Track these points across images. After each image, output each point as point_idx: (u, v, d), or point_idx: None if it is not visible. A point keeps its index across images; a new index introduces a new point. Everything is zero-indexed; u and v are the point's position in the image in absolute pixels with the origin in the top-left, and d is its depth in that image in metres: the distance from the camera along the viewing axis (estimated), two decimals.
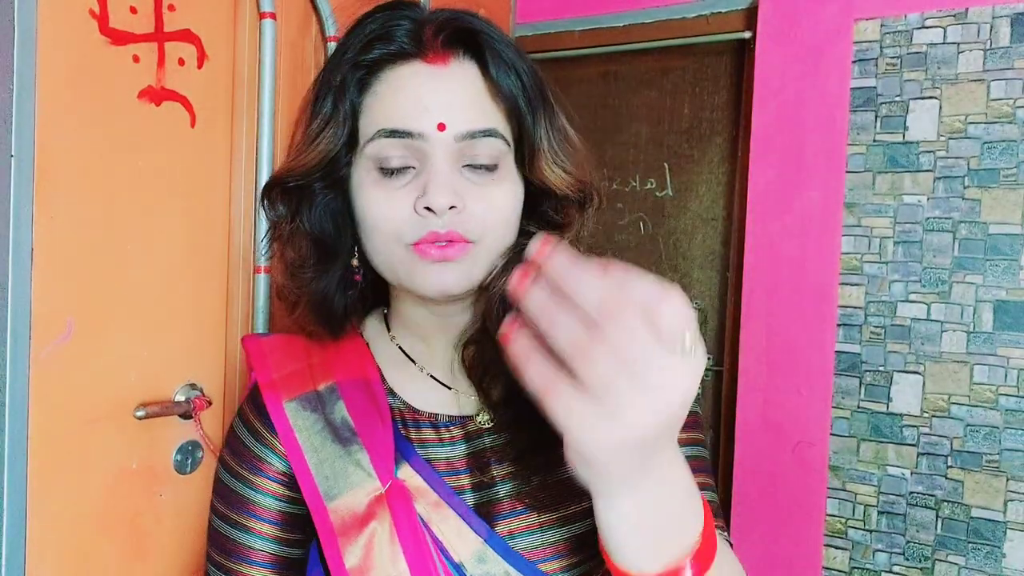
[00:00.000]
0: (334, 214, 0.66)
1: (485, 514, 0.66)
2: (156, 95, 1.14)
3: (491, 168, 0.62)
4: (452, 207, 0.59)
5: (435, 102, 0.60)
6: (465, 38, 0.61)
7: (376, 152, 0.61)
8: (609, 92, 2.28)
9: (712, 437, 2.15)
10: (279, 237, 0.67)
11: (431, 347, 0.70)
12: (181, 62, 1.17)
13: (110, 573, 1.12)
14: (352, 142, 0.63)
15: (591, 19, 2.22)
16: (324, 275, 0.66)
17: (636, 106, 2.25)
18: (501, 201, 0.62)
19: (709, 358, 2.18)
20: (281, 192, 0.66)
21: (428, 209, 0.59)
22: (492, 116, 0.62)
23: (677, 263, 2.21)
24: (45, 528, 1.02)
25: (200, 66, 1.21)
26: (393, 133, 0.60)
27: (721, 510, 0.69)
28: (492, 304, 0.63)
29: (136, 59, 1.10)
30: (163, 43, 1.14)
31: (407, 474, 0.66)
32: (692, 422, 0.69)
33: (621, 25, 2.17)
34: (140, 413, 1.11)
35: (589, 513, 0.59)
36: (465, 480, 0.67)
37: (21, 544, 0.99)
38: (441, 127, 0.59)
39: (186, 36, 1.18)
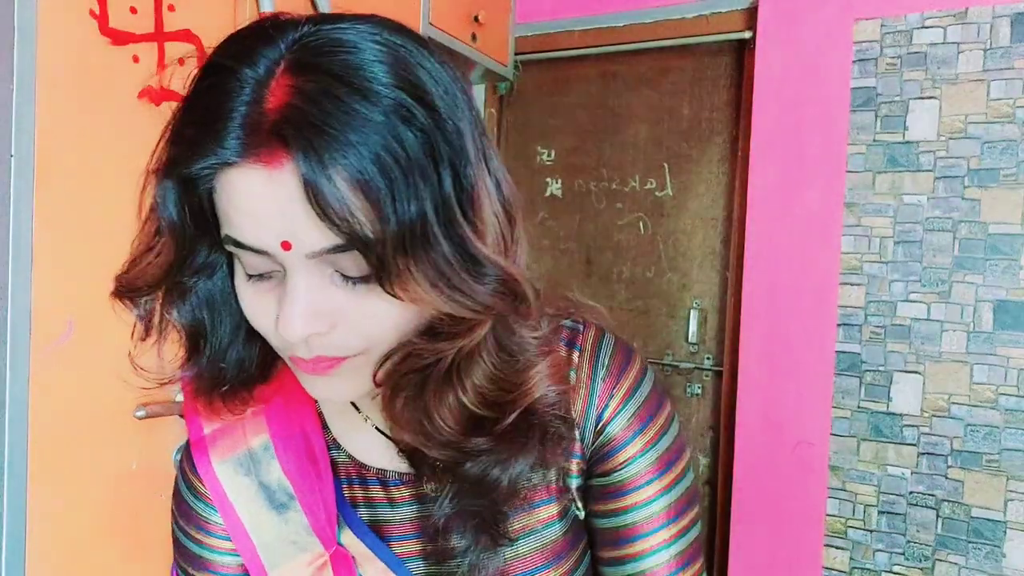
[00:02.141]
0: (211, 295, 0.56)
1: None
2: (156, 95, 1.14)
3: (366, 279, 0.47)
4: (308, 335, 0.47)
5: (270, 215, 0.45)
6: (300, 127, 0.42)
7: (236, 255, 0.49)
8: (609, 92, 2.28)
9: (712, 437, 2.15)
10: (151, 331, 0.59)
11: (372, 401, 0.59)
12: (181, 62, 1.17)
13: (110, 573, 1.12)
14: (214, 229, 0.50)
15: (591, 19, 2.22)
16: (218, 355, 0.57)
17: (636, 106, 2.25)
18: (385, 311, 0.48)
19: (709, 358, 2.18)
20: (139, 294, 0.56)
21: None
22: (341, 224, 0.43)
23: (677, 263, 2.21)
24: (45, 528, 1.02)
25: (200, 66, 1.21)
26: (239, 245, 0.47)
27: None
28: (401, 409, 0.53)
29: (136, 59, 1.10)
30: (163, 43, 1.14)
31: (350, 540, 0.60)
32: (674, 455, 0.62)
33: (621, 25, 2.17)
34: (140, 413, 1.11)
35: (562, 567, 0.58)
36: (416, 546, 0.60)
37: (21, 544, 0.99)
38: (286, 246, 0.45)
39: (186, 36, 1.18)
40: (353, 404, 0.62)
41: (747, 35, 2.01)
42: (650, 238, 2.24)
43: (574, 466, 0.59)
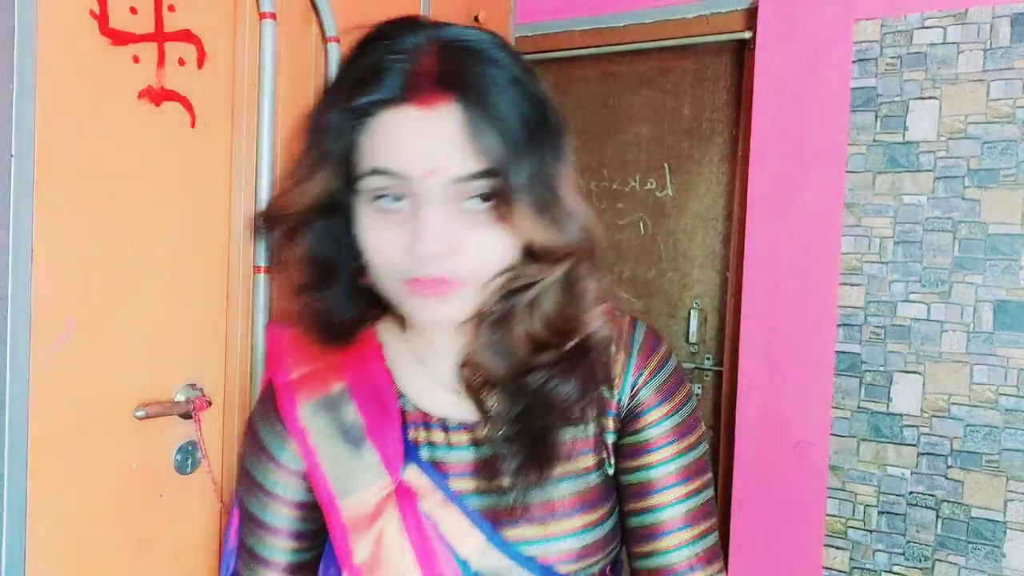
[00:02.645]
0: (335, 238, 0.66)
1: (492, 517, 0.68)
2: (156, 95, 1.14)
3: (484, 206, 0.60)
4: (441, 253, 0.59)
5: (421, 147, 0.58)
6: (457, 80, 0.58)
7: (370, 187, 0.60)
8: (609, 92, 2.28)
9: (712, 437, 2.15)
10: (280, 261, 0.68)
11: (440, 353, 0.72)
12: (181, 62, 1.18)
13: (110, 573, 1.12)
14: (349, 175, 0.62)
15: (591, 19, 2.22)
16: (326, 295, 0.68)
17: (636, 106, 2.25)
18: (494, 241, 0.61)
19: (709, 358, 2.18)
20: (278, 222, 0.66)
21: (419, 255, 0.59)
22: (482, 157, 0.57)
23: (677, 263, 2.21)
24: (45, 528, 1.02)
25: (200, 66, 1.21)
26: (384, 172, 0.59)
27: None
28: (480, 330, 0.66)
29: (136, 59, 1.10)
30: (163, 43, 1.14)
31: (414, 474, 0.69)
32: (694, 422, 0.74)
33: (621, 25, 2.17)
34: (140, 413, 1.11)
35: (596, 524, 0.70)
36: (472, 483, 0.70)
37: (21, 544, 0.99)
38: (429, 174, 0.57)
39: (186, 36, 1.18)
40: (421, 361, 0.73)
41: (747, 35, 2.01)
42: (651, 238, 2.24)
43: (610, 423, 0.71)
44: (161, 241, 1.16)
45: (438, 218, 0.58)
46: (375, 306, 0.70)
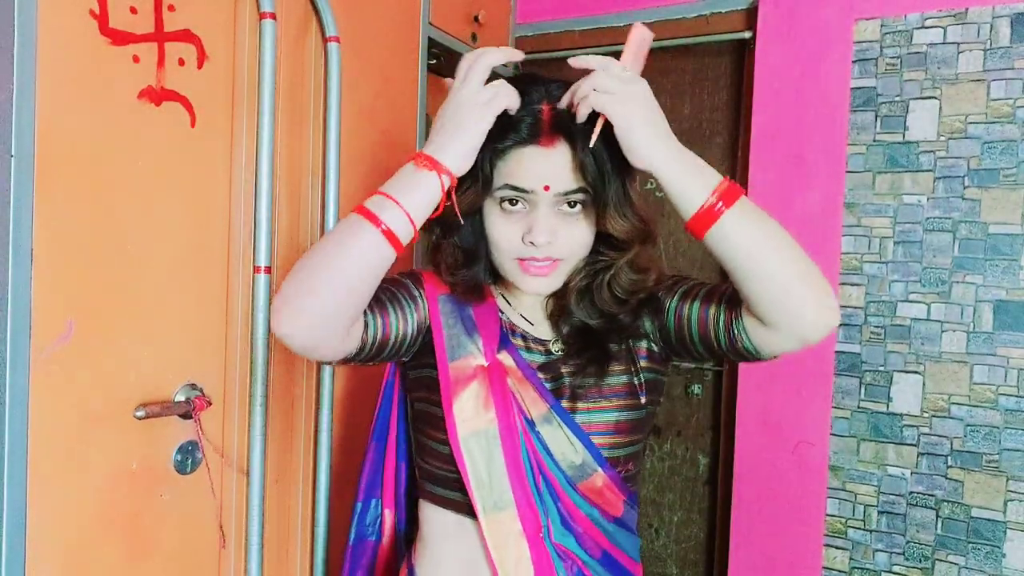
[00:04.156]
0: (475, 230, 0.96)
1: (557, 394, 0.97)
2: (156, 95, 1.14)
3: (575, 210, 0.92)
4: (548, 242, 0.90)
5: (544, 173, 0.89)
6: (564, 129, 0.88)
7: (502, 196, 0.91)
8: None
9: (712, 437, 2.15)
10: (434, 249, 0.98)
11: (523, 301, 1.03)
12: (181, 62, 1.18)
13: (110, 573, 1.12)
14: (486, 185, 0.90)
15: (591, 19, 2.22)
16: (474, 270, 0.98)
17: None
18: (580, 234, 0.93)
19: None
20: (440, 223, 0.92)
21: (532, 243, 0.90)
22: (579, 179, 0.89)
23: (677, 263, 2.21)
24: (45, 528, 1.02)
25: (200, 66, 1.21)
26: (516, 189, 0.90)
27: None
28: (571, 290, 0.98)
29: (136, 59, 1.10)
30: (163, 43, 1.14)
31: (505, 357, 0.98)
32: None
33: (621, 25, 2.17)
34: (140, 413, 1.11)
35: (628, 408, 0.98)
36: (543, 375, 0.99)
37: (21, 544, 0.99)
38: (547, 188, 0.89)
39: (186, 36, 1.18)
40: (508, 303, 1.04)
41: (747, 35, 2.01)
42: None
43: (644, 345, 1.03)
44: (161, 241, 1.16)
45: (547, 217, 0.90)
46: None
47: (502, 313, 1.03)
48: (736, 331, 0.90)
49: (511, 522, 0.94)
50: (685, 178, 0.83)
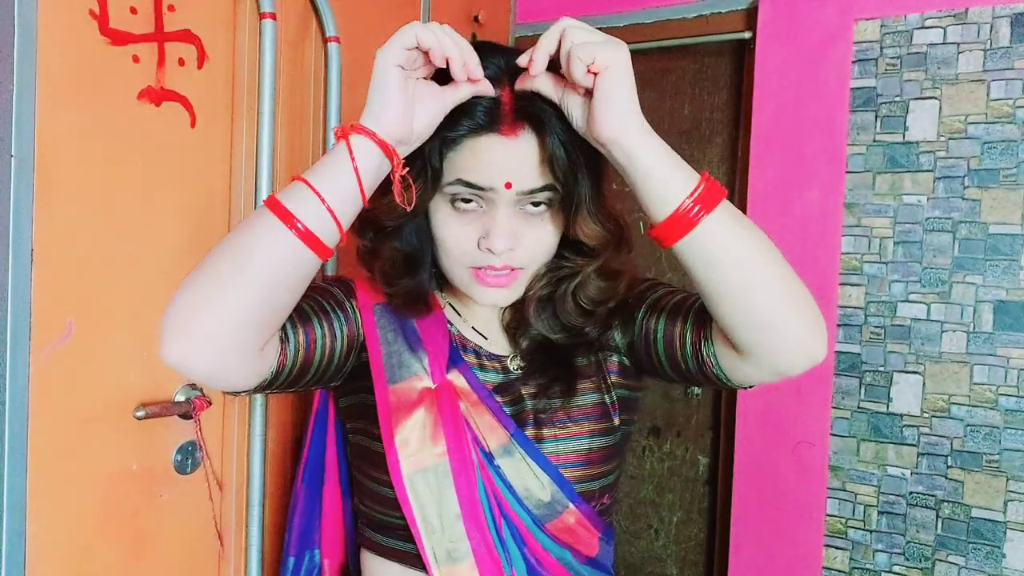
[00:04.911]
0: (419, 232, 0.82)
1: (517, 420, 0.84)
2: (156, 95, 1.14)
3: (539, 210, 0.79)
4: (509, 248, 0.77)
5: (506, 166, 0.75)
6: (531, 115, 0.75)
7: (453, 193, 0.77)
8: None
9: (712, 437, 2.15)
10: (369, 254, 0.84)
11: (475, 312, 0.91)
12: (181, 62, 1.17)
13: (110, 573, 1.12)
14: (435, 180, 0.77)
15: (591, 19, 2.21)
16: (416, 278, 0.84)
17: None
18: (545, 239, 0.80)
19: None
20: (373, 225, 0.80)
21: (489, 250, 0.76)
22: (547, 175, 0.76)
23: (677, 263, 2.21)
24: (45, 528, 1.02)
25: (200, 66, 1.21)
26: (471, 186, 0.76)
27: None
28: (530, 300, 0.85)
29: (136, 59, 1.10)
30: (163, 43, 1.14)
31: (455, 376, 0.84)
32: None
33: (621, 25, 2.17)
34: (140, 413, 1.11)
35: (601, 433, 0.85)
36: (501, 398, 0.85)
37: (21, 544, 0.99)
38: (508, 186, 0.75)
39: (186, 36, 1.18)
40: (458, 314, 0.91)
41: (747, 35, 2.01)
42: (650, 238, 2.24)
43: (614, 352, 0.91)
44: (161, 241, 1.16)
45: (507, 219, 0.76)
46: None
47: (451, 325, 0.89)
48: (704, 354, 0.79)
49: (468, 574, 0.78)
50: (662, 168, 0.68)
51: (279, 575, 0.99)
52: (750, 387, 0.80)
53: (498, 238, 0.76)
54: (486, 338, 0.90)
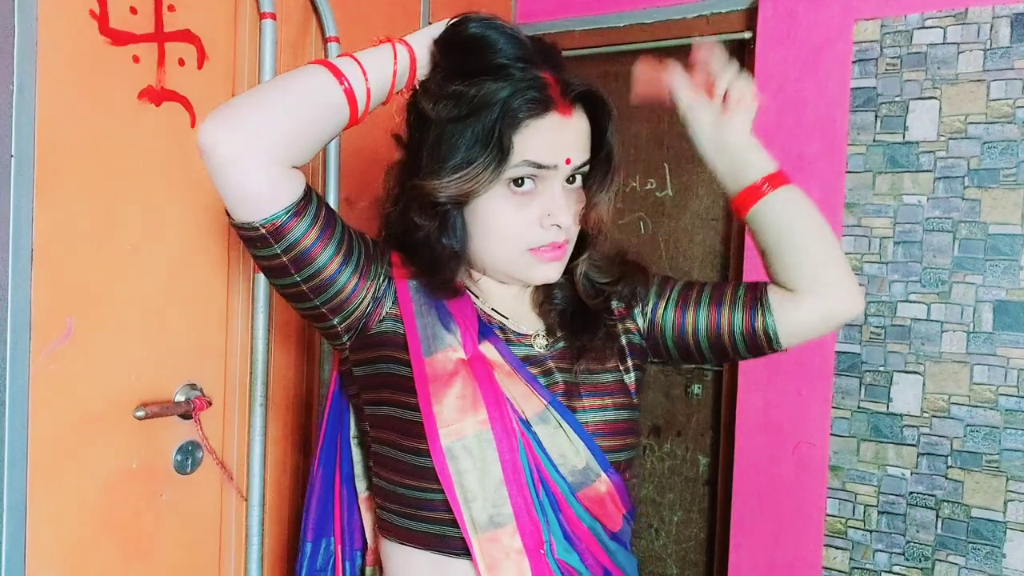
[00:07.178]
0: (459, 228, 0.86)
1: (549, 389, 0.88)
2: (156, 95, 1.14)
3: (576, 185, 0.88)
4: (571, 222, 0.85)
5: (565, 143, 0.83)
6: (582, 96, 0.85)
7: (515, 175, 0.82)
8: (609, 92, 2.27)
9: (712, 437, 2.15)
10: (426, 242, 0.86)
11: (494, 294, 0.94)
12: (181, 62, 1.18)
13: (110, 573, 1.12)
14: (502, 162, 0.81)
15: (591, 19, 2.22)
16: (457, 269, 0.88)
17: (636, 106, 2.24)
18: (579, 210, 0.88)
19: None
20: (423, 205, 0.84)
21: (556, 225, 0.84)
22: (587, 150, 0.87)
23: (677, 263, 2.21)
24: (45, 528, 1.02)
25: (200, 66, 1.21)
26: (537, 165, 0.82)
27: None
28: (573, 275, 0.93)
29: (136, 59, 1.10)
30: (163, 43, 1.14)
31: (487, 348, 0.87)
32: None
33: (621, 25, 2.17)
34: (140, 413, 1.11)
35: (625, 407, 0.92)
36: (531, 368, 0.89)
37: (21, 544, 0.99)
38: (568, 161, 0.83)
39: (186, 36, 1.18)
40: (474, 295, 0.94)
41: (747, 35, 2.01)
42: (650, 238, 2.24)
43: (634, 329, 0.98)
44: (161, 241, 1.16)
45: (563, 195, 0.84)
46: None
47: (477, 300, 0.92)
48: (756, 327, 0.92)
49: (510, 539, 0.80)
50: (755, 152, 0.95)
51: (296, 562, 1.01)
52: (787, 348, 0.93)
53: (563, 214, 0.83)
54: (507, 319, 0.93)
